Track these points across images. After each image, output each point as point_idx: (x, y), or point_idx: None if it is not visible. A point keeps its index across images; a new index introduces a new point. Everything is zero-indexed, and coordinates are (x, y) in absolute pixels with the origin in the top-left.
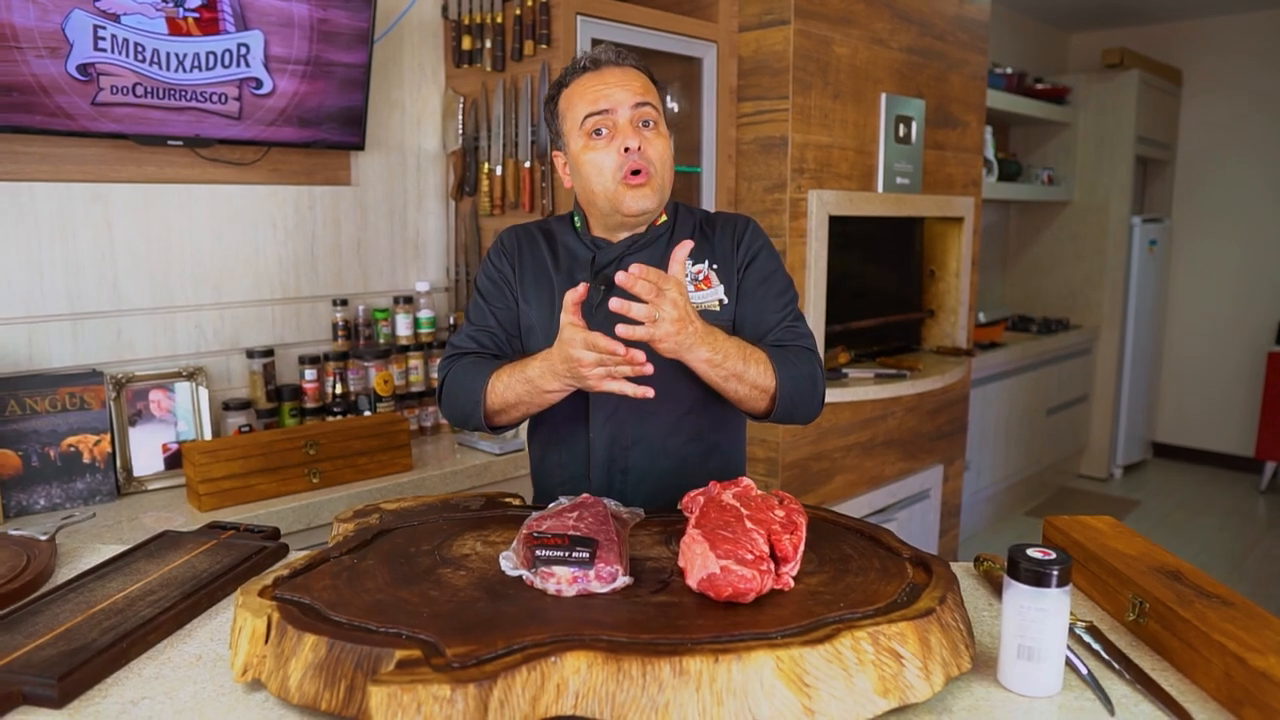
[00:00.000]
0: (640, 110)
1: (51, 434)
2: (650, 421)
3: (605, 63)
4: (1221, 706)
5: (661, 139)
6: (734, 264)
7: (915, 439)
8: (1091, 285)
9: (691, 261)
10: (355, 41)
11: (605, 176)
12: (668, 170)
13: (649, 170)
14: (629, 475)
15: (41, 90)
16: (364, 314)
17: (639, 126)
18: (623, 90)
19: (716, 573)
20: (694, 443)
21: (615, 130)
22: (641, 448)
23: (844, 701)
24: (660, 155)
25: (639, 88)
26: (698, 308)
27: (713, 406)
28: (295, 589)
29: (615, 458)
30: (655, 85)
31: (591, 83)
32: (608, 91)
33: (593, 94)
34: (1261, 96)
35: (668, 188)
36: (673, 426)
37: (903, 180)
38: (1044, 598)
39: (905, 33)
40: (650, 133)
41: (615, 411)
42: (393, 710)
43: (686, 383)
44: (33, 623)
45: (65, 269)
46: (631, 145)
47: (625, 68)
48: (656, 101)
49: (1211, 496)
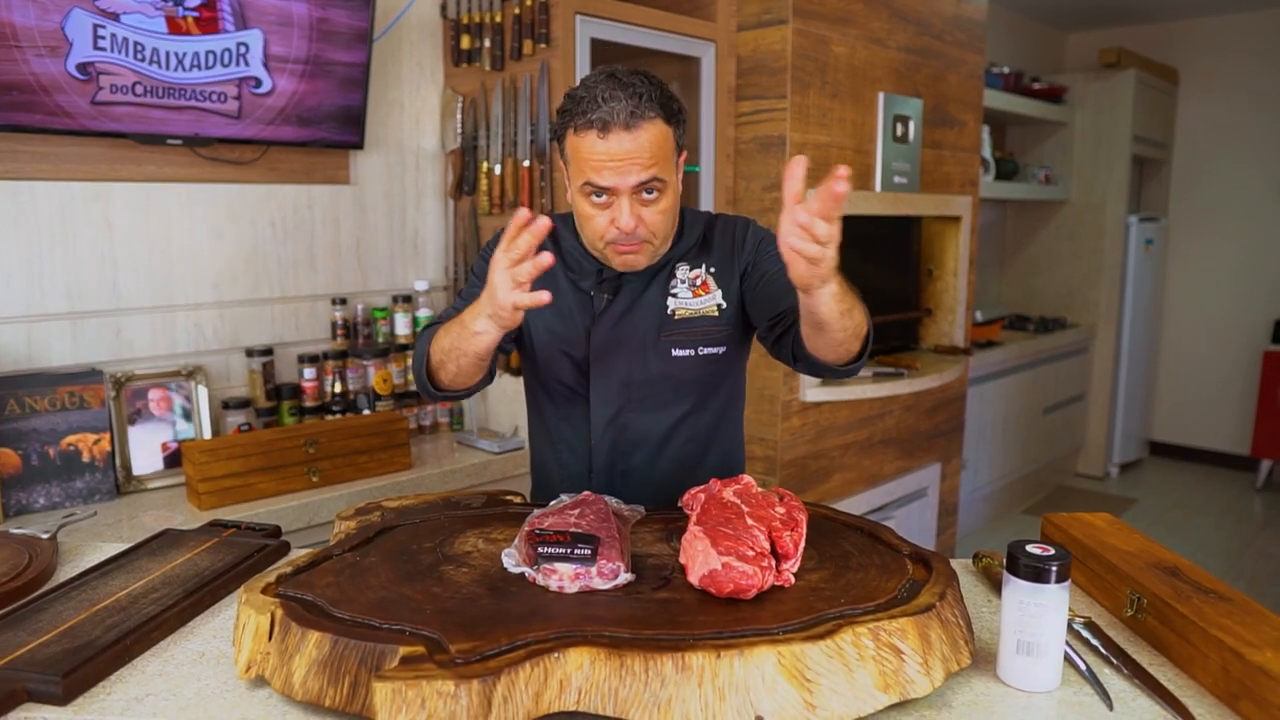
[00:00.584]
0: (644, 185)
1: (51, 433)
2: (651, 424)
3: (614, 126)
4: (1219, 701)
5: (663, 201)
6: (734, 268)
7: (913, 437)
8: (1088, 284)
9: (689, 267)
10: (354, 41)
11: (595, 235)
12: (667, 229)
13: (646, 239)
14: (630, 477)
15: (41, 89)
16: (363, 313)
17: (640, 194)
18: (629, 166)
19: (718, 569)
20: (691, 443)
21: (615, 200)
22: (643, 450)
23: (845, 696)
24: (662, 220)
25: (646, 159)
26: (695, 314)
27: (711, 407)
28: (298, 586)
29: (616, 461)
30: (669, 122)
31: (598, 150)
32: (613, 166)
33: (596, 164)
34: (1257, 96)
35: (666, 241)
36: (672, 428)
37: (900, 179)
38: (1043, 593)
39: (903, 32)
40: (651, 200)
41: (617, 415)
42: (398, 705)
43: (686, 386)
44: (36, 620)
45: (65, 268)
46: (626, 226)
47: (637, 131)
48: (665, 158)
49: (1208, 495)
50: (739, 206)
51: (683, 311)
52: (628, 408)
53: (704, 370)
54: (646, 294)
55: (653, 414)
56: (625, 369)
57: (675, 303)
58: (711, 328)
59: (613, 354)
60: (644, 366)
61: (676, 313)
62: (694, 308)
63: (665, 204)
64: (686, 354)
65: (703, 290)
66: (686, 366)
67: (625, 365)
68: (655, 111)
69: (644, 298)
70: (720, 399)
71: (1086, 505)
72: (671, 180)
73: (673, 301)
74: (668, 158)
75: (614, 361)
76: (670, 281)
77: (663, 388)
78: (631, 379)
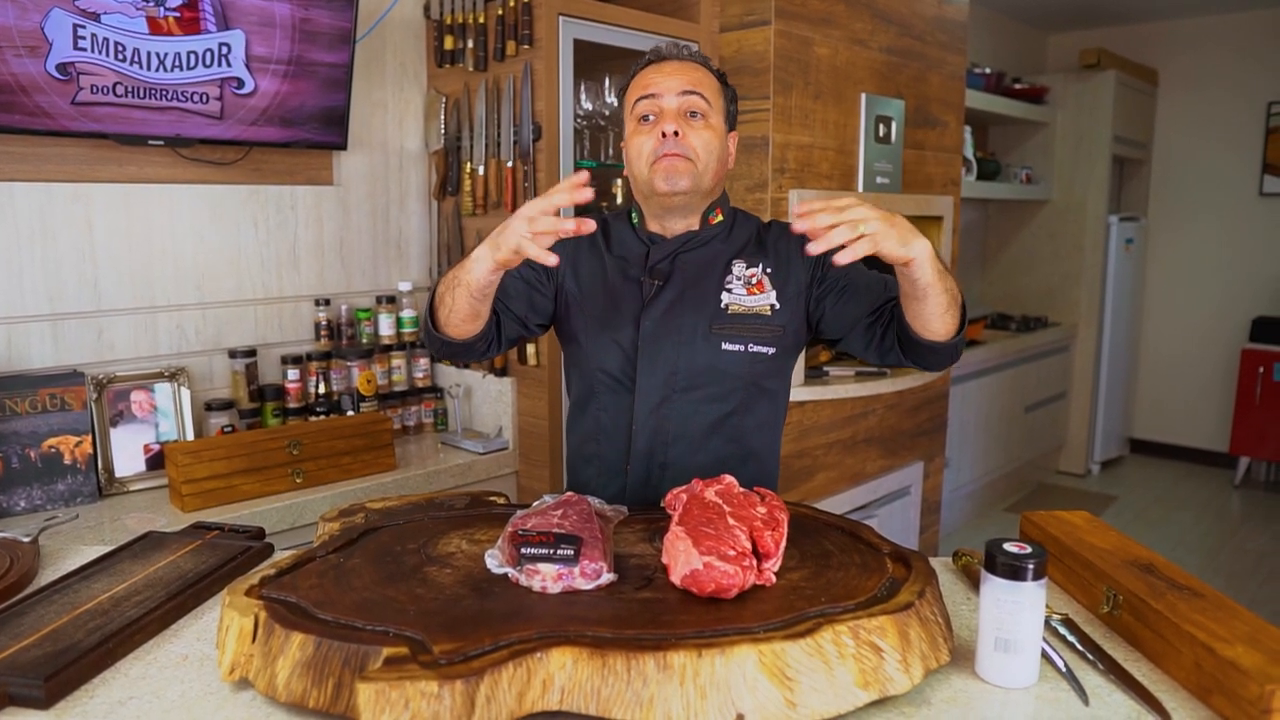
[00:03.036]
0: (687, 98)
1: (32, 435)
2: (693, 419)
3: (667, 56)
4: (1192, 695)
5: (709, 130)
6: (791, 273)
7: (896, 436)
8: (1069, 283)
9: (745, 265)
10: (337, 41)
11: (643, 160)
12: (712, 159)
13: (686, 155)
14: (667, 470)
15: (20, 89)
16: (346, 314)
17: (685, 115)
18: (673, 78)
19: (699, 569)
20: (733, 444)
21: (661, 116)
22: (683, 444)
23: (825, 694)
24: (704, 143)
25: (690, 79)
26: (749, 311)
27: (755, 410)
28: (282, 588)
29: (656, 451)
30: (721, 83)
31: (650, 72)
32: (659, 79)
33: (647, 83)
34: (1236, 96)
35: (709, 175)
36: (714, 426)
37: (883, 180)
38: (1020, 591)
39: (885, 33)
40: (697, 122)
41: (659, 406)
42: (381, 706)
43: (732, 381)
44: (17, 624)
45: (45, 269)
46: (668, 130)
47: (684, 61)
48: (710, 93)
49: (1187, 491)
50: None
51: (736, 307)
52: (672, 398)
53: (751, 369)
54: (700, 285)
55: (697, 407)
56: (673, 357)
57: (730, 298)
58: (763, 326)
59: (661, 341)
60: (692, 357)
61: (730, 307)
62: (748, 304)
63: (710, 133)
64: (736, 349)
65: (758, 289)
66: (734, 362)
67: (673, 353)
68: (703, 63)
69: (697, 288)
70: (764, 405)
71: (1068, 502)
72: (714, 118)
73: (727, 296)
74: (713, 96)
75: (662, 349)
76: (726, 276)
77: (709, 381)
78: (679, 368)
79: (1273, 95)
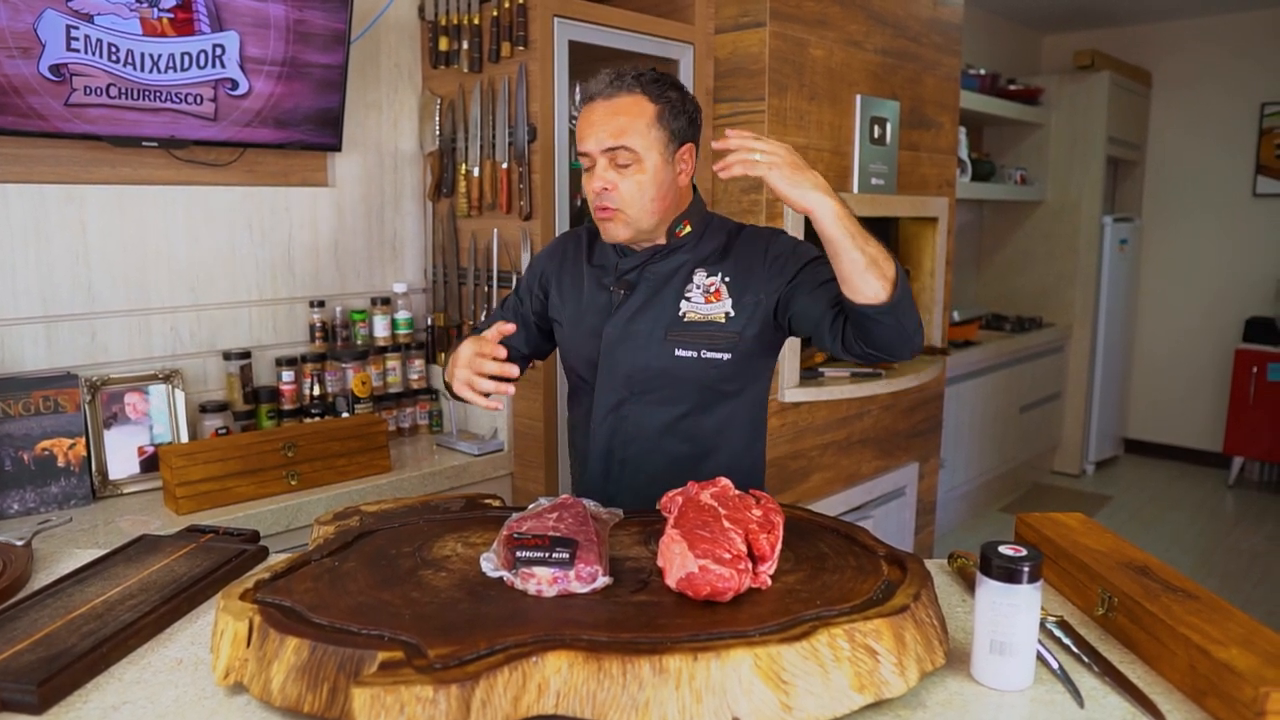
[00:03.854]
0: (611, 154)
1: (25, 437)
2: (648, 421)
3: (596, 95)
4: (1186, 697)
5: (639, 174)
6: (754, 280)
7: (891, 437)
8: (1064, 284)
9: (706, 274)
10: (332, 42)
11: (590, 203)
12: (641, 202)
13: (615, 206)
14: (625, 466)
15: (13, 91)
16: (341, 315)
17: (611, 166)
18: (600, 129)
19: (695, 572)
20: (687, 444)
21: (592, 169)
22: (639, 444)
23: (821, 697)
24: (634, 193)
25: (613, 129)
26: (704, 319)
27: (713, 412)
28: (276, 592)
29: (615, 449)
30: (656, 103)
31: (584, 117)
32: (587, 130)
33: (581, 131)
34: (1228, 98)
35: (645, 217)
36: (668, 427)
37: (878, 181)
38: (1015, 594)
39: (880, 35)
40: (624, 169)
41: (617, 407)
42: (376, 711)
43: (686, 385)
44: (11, 629)
45: (38, 271)
46: (596, 188)
47: (614, 100)
48: (637, 134)
49: (1181, 491)
50: (717, 208)
51: (693, 315)
52: (629, 400)
53: (705, 373)
54: (662, 293)
55: (652, 409)
56: (629, 362)
57: (688, 306)
58: (717, 333)
59: (620, 347)
60: (647, 362)
61: (687, 315)
62: (704, 313)
63: (640, 177)
64: (689, 355)
65: (714, 297)
66: (688, 367)
67: (630, 358)
68: (638, 88)
69: (659, 297)
70: (726, 408)
71: (1062, 503)
72: (648, 156)
73: (685, 304)
74: (643, 132)
75: (621, 354)
76: (687, 285)
77: (663, 384)
78: (635, 372)
79: (1266, 96)
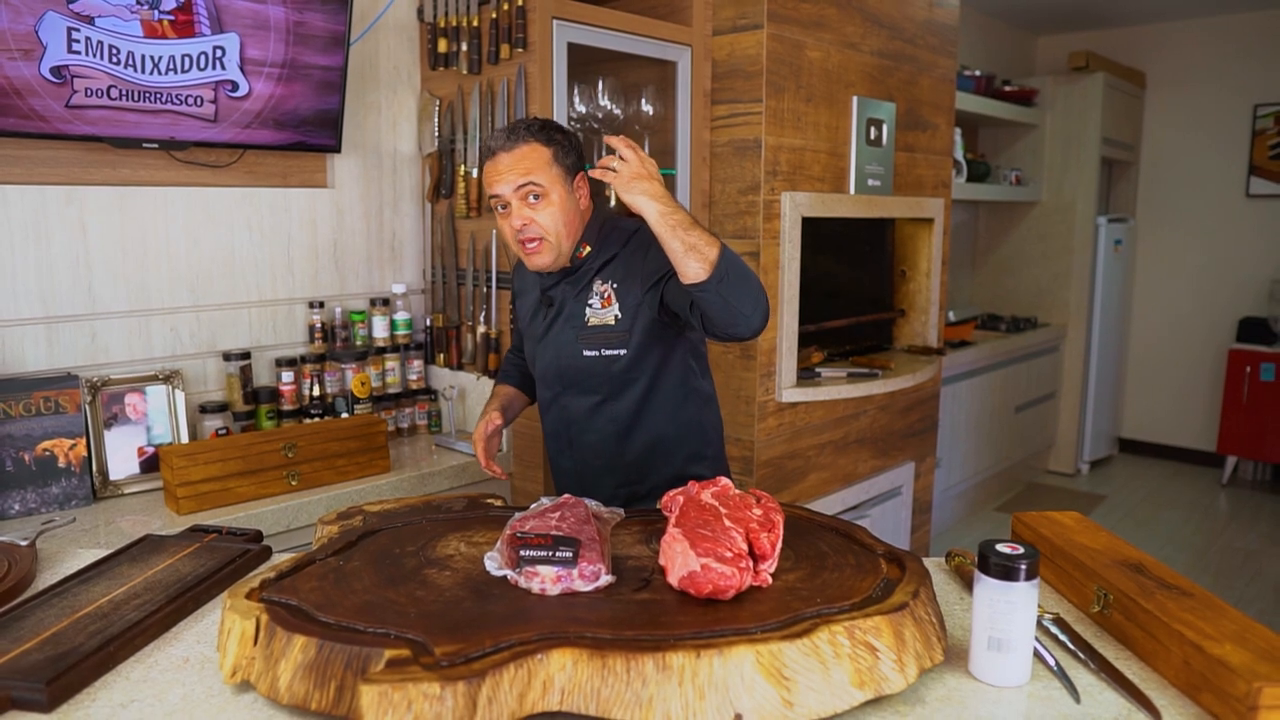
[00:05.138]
0: (523, 189)
1: (26, 438)
2: (576, 408)
3: (496, 150)
4: (1181, 693)
5: (550, 205)
6: (638, 280)
7: (887, 437)
8: (1059, 284)
9: (601, 281)
10: (331, 44)
11: (509, 242)
12: (560, 226)
13: (538, 235)
14: (573, 445)
15: (14, 93)
16: (341, 316)
17: (525, 201)
18: (509, 174)
19: (697, 570)
20: (612, 424)
21: (509, 209)
22: (576, 426)
23: (822, 694)
24: (550, 221)
25: (520, 171)
26: (601, 322)
27: (624, 396)
28: (283, 591)
29: (560, 433)
30: (553, 146)
31: (490, 170)
32: (495, 178)
33: (490, 179)
34: (1222, 99)
35: (565, 240)
36: (591, 412)
37: (874, 182)
38: (1013, 591)
39: (876, 37)
40: (539, 204)
41: (555, 400)
42: (384, 708)
43: (597, 379)
44: (18, 628)
45: (39, 272)
46: (516, 224)
47: (515, 150)
48: (541, 172)
49: (1175, 490)
50: (714, 209)
51: (594, 320)
52: (563, 393)
53: (609, 367)
54: (573, 304)
55: (577, 398)
56: (556, 362)
57: (590, 312)
58: (611, 334)
59: (550, 350)
60: (567, 362)
61: (590, 321)
62: (600, 316)
63: (551, 208)
64: (594, 354)
65: (607, 303)
66: (594, 363)
67: (556, 359)
68: (532, 136)
69: (571, 307)
70: (635, 391)
71: (1057, 502)
72: (555, 189)
73: (589, 311)
74: (545, 170)
75: (551, 356)
76: (588, 294)
77: (580, 379)
78: (561, 370)
79: (1259, 97)
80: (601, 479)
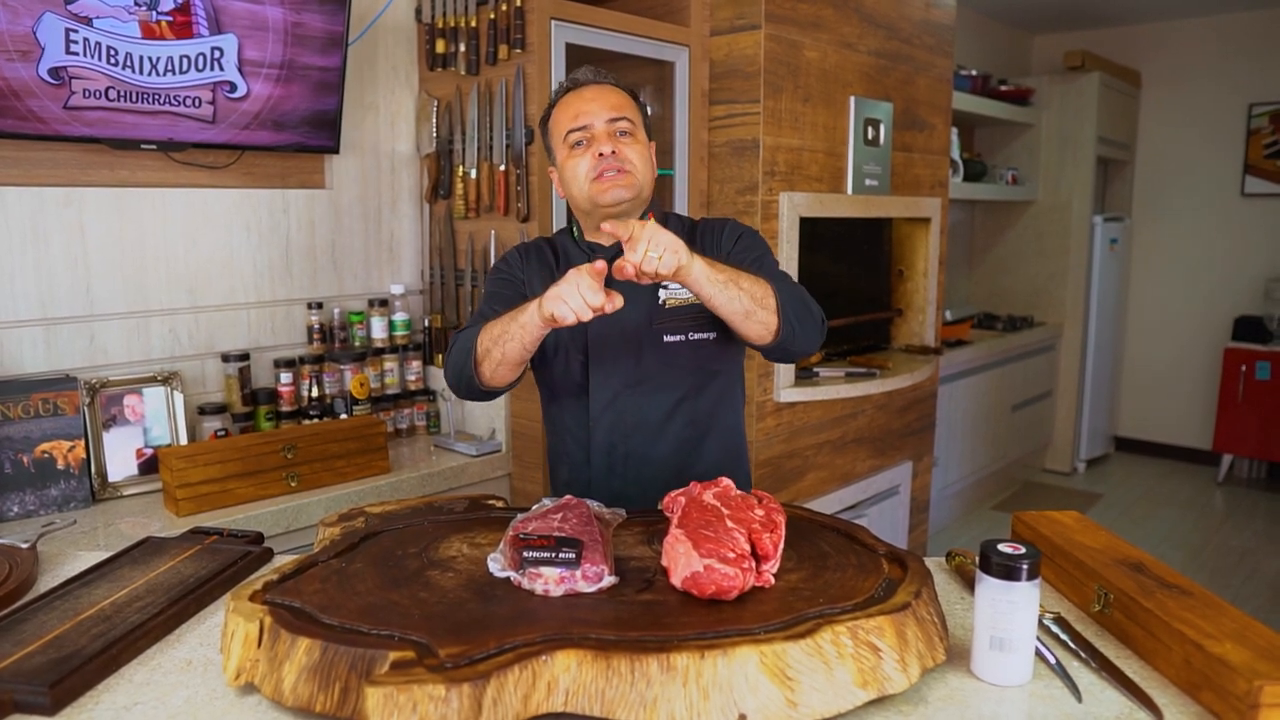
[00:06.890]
0: (615, 124)
1: (25, 440)
2: (648, 410)
3: (584, 83)
4: (1181, 691)
5: (639, 144)
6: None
7: (885, 436)
8: (1055, 283)
9: None
10: (329, 45)
11: (581, 179)
12: (646, 169)
13: (625, 168)
14: (630, 460)
15: (12, 94)
16: (339, 317)
17: (615, 135)
18: (598, 105)
19: (700, 571)
20: (690, 427)
21: (592, 140)
22: (641, 434)
23: (825, 693)
24: (638, 155)
25: (614, 103)
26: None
27: (708, 392)
28: (286, 593)
29: (616, 444)
30: (636, 102)
31: (572, 101)
32: (585, 108)
33: (573, 111)
34: (1217, 98)
35: (646, 185)
36: (669, 413)
37: (871, 182)
38: (1014, 591)
39: (873, 37)
40: (627, 139)
41: (614, 400)
42: (389, 710)
43: (680, 370)
44: (19, 631)
45: (37, 273)
46: (605, 151)
47: (603, 85)
48: (634, 115)
49: (1172, 489)
50: (712, 209)
51: (673, 301)
52: (624, 393)
53: (696, 355)
54: (639, 287)
55: (650, 398)
56: (621, 356)
57: (666, 293)
58: (699, 314)
59: (609, 344)
60: (639, 353)
61: (667, 302)
62: (682, 297)
63: (639, 146)
64: (678, 339)
65: None
66: (678, 351)
67: (621, 352)
68: (618, 84)
69: (636, 288)
70: (717, 385)
71: (1054, 501)
72: (640, 133)
73: (664, 293)
74: (635, 115)
75: (611, 351)
76: None
77: (657, 372)
78: (628, 365)
79: (1254, 96)
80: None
